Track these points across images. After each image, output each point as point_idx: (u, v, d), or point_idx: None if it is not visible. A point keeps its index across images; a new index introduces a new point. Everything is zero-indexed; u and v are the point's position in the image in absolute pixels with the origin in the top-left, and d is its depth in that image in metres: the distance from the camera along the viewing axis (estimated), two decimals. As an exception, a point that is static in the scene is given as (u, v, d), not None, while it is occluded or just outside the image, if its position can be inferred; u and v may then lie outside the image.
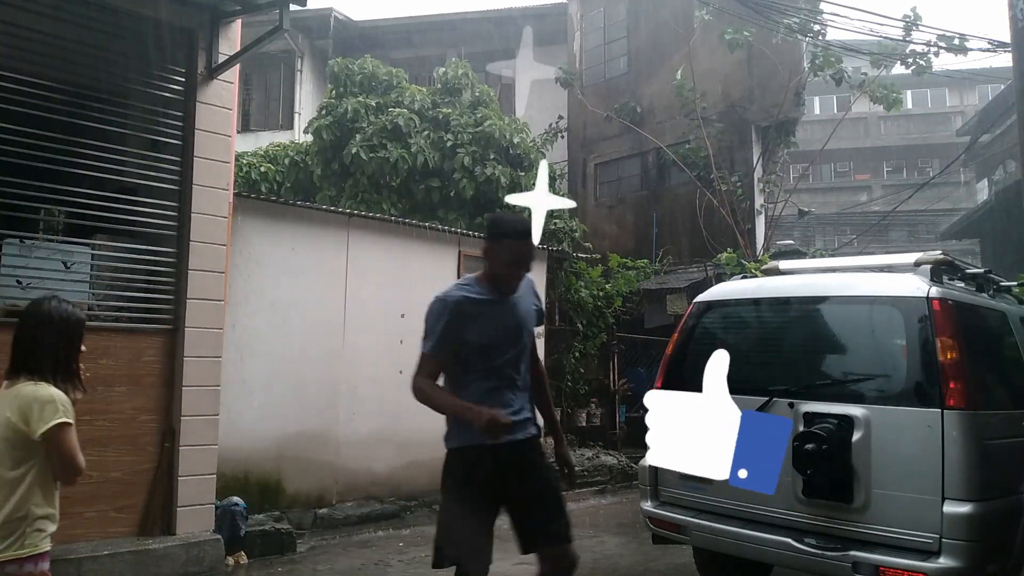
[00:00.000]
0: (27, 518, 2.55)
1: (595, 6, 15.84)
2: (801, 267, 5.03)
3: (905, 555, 3.40)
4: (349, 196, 10.84)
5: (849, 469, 3.57)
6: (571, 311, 10.48)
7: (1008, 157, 17.71)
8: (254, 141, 14.67)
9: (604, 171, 15.63)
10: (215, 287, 5.62)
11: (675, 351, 4.59)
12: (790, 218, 17.79)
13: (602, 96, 15.14)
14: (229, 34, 5.84)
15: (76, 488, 4.93)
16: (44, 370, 2.65)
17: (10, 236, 5.05)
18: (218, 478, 5.67)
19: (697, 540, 4.26)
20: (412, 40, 16.93)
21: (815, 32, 12.04)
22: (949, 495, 3.36)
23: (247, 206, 6.71)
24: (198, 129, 5.62)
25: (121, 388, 5.24)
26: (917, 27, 11.35)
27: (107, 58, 5.45)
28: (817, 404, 3.77)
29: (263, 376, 6.63)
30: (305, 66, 16.38)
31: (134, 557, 4.99)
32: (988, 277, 4.62)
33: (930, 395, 3.51)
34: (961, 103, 30.35)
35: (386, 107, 11.24)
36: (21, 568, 2.54)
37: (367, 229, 7.64)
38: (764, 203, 13.85)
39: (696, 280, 11.14)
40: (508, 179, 10.78)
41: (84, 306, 5.36)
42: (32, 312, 2.72)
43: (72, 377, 2.73)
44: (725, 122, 13.37)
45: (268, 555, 5.91)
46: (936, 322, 3.58)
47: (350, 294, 7.35)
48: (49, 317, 2.69)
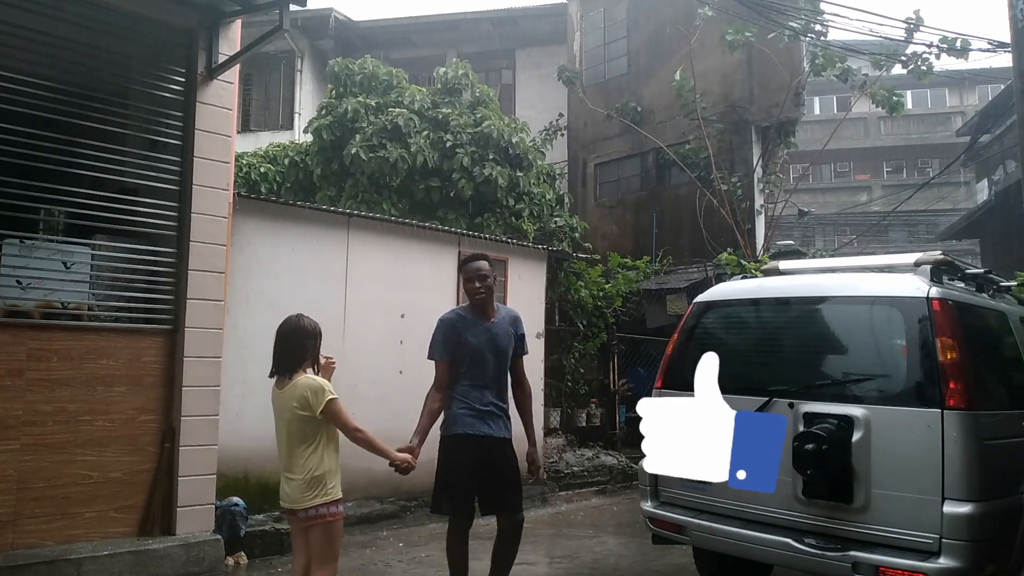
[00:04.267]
0: (324, 475, 3.48)
1: (595, 6, 15.84)
2: (801, 267, 5.03)
3: (905, 555, 3.41)
4: (349, 196, 10.84)
5: (849, 469, 3.57)
6: (571, 311, 10.47)
7: (1008, 157, 17.69)
8: (254, 141, 14.67)
9: (604, 171, 15.63)
10: (215, 287, 5.62)
11: (675, 351, 4.59)
12: (790, 218, 17.80)
13: (602, 96, 15.14)
14: (229, 34, 5.84)
15: (76, 488, 4.97)
16: (304, 366, 3.62)
17: (10, 236, 5.05)
18: (218, 478, 5.67)
19: (697, 540, 4.26)
20: (412, 40, 16.94)
21: (816, 33, 12.03)
22: (949, 495, 3.36)
23: (247, 206, 6.71)
24: (198, 129, 5.62)
25: (121, 388, 5.24)
26: (919, 29, 11.34)
27: (107, 58, 5.45)
28: (817, 404, 3.78)
29: (263, 376, 6.56)
30: (305, 66, 16.38)
31: (134, 557, 4.99)
32: (988, 277, 4.62)
33: (930, 395, 3.51)
34: (961, 103, 30.34)
35: (386, 107, 11.24)
36: (328, 510, 3.48)
37: (367, 229, 7.64)
38: (764, 203, 13.85)
39: (696, 280, 11.14)
40: (507, 179, 10.79)
41: (84, 306, 5.37)
42: (295, 326, 3.71)
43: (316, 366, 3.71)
44: (725, 122, 13.37)
45: (268, 555, 5.92)
46: (936, 322, 3.58)
47: (350, 294, 7.35)
48: (306, 328, 3.71)
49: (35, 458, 4.85)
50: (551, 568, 5.95)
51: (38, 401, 4.90)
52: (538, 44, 16.50)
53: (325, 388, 3.52)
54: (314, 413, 3.47)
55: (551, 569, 5.92)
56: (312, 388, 3.51)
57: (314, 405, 3.48)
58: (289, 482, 3.53)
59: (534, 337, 9.01)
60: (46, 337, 4.99)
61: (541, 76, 16.12)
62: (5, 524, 4.73)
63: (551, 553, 6.46)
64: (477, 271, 4.11)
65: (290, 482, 3.52)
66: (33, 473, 4.84)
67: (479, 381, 4.06)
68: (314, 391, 3.49)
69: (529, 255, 9.21)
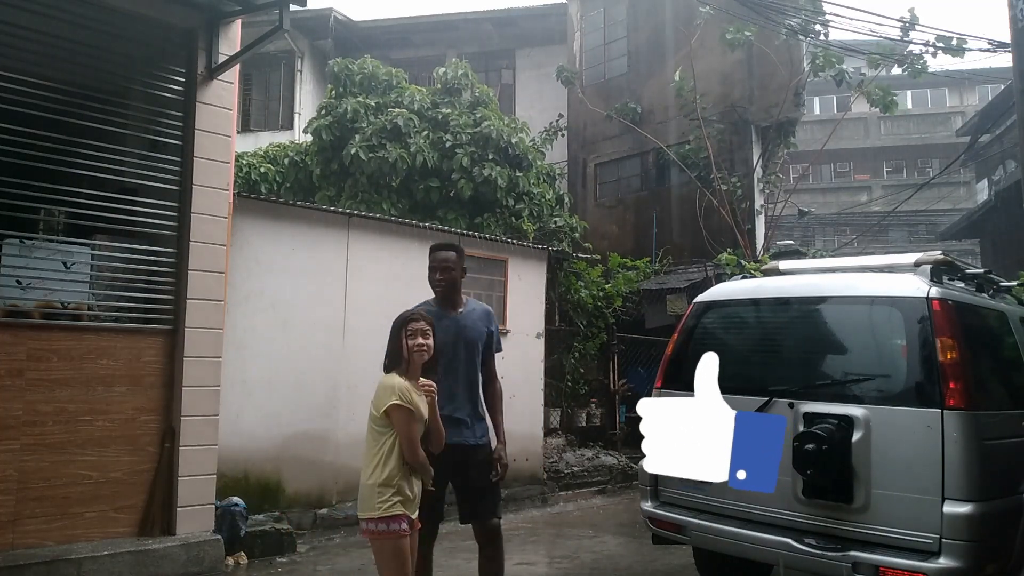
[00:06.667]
0: (382, 486, 3.23)
1: (595, 6, 15.83)
2: (801, 267, 5.03)
3: (905, 555, 3.40)
4: (349, 196, 10.84)
5: (849, 469, 3.57)
6: (571, 311, 10.47)
7: (1008, 157, 17.69)
8: (254, 141, 14.68)
9: (604, 171, 15.62)
10: (215, 287, 5.62)
11: (675, 351, 4.59)
12: (790, 218, 17.80)
13: (602, 96, 15.14)
14: (229, 34, 5.84)
15: (76, 488, 4.97)
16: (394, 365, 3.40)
17: (10, 236, 5.05)
18: (218, 478, 5.67)
19: (697, 540, 4.26)
20: (412, 40, 16.94)
21: (816, 32, 12.03)
22: (949, 495, 3.36)
23: (247, 206, 6.71)
24: (198, 129, 5.62)
25: (121, 388, 5.24)
26: (915, 28, 11.34)
27: (107, 58, 5.45)
28: (817, 404, 3.78)
29: (263, 376, 6.63)
30: (305, 66, 16.39)
31: (134, 557, 4.99)
32: (988, 277, 4.62)
33: (930, 395, 3.51)
34: (961, 103, 30.35)
35: (386, 107, 11.24)
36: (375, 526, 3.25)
37: (367, 229, 7.64)
38: (764, 203, 13.85)
39: (696, 280, 11.13)
40: (506, 179, 10.79)
41: (84, 306, 5.37)
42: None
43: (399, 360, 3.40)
44: (725, 122, 13.37)
45: (268, 555, 5.92)
46: (936, 322, 3.58)
47: (350, 294, 7.35)
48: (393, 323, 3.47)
49: (35, 458, 4.85)
50: (551, 568, 5.95)
51: (38, 401, 4.89)
52: (538, 44, 16.50)
53: (395, 389, 3.27)
54: (377, 412, 3.30)
55: (551, 569, 5.92)
56: (382, 386, 3.33)
57: (376, 404, 3.31)
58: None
59: (534, 337, 9.01)
60: (46, 337, 4.99)
61: (541, 76, 16.11)
62: (5, 524, 4.73)
63: (551, 553, 6.46)
64: (442, 261, 3.92)
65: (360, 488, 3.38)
66: (33, 473, 4.84)
67: (449, 378, 3.80)
68: (383, 389, 3.31)
69: (529, 255, 9.21)
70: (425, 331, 3.42)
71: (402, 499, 3.26)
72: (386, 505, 3.23)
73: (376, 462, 3.28)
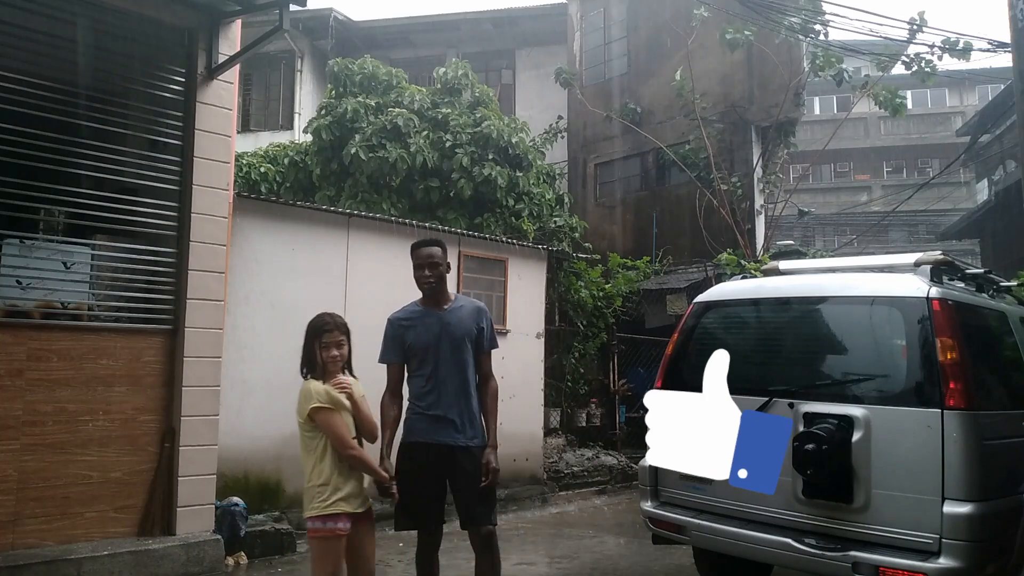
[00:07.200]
0: (322, 487, 3.32)
1: (595, 6, 15.83)
2: (801, 267, 5.03)
3: (905, 555, 3.40)
4: (349, 196, 10.84)
5: (849, 469, 3.57)
6: (571, 311, 10.47)
7: (1008, 157, 17.70)
8: (254, 141, 14.68)
9: (604, 171, 15.62)
10: (215, 287, 5.62)
11: (675, 351, 4.59)
12: (790, 218, 17.81)
13: (602, 96, 15.13)
14: (229, 34, 5.84)
15: (76, 488, 4.97)
16: (307, 370, 3.51)
17: (10, 236, 5.05)
18: (218, 478, 5.67)
19: (697, 540, 4.26)
20: (412, 40, 16.94)
21: (816, 32, 12.03)
22: (949, 495, 3.36)
23: (247, 206, 6.71)
24: (198, 129, 5.62)
25: (121, 388, 5.24)
26: (922, 30, 11.33)
27: (107, 58, 5.45)
28: (817, 404, 3.78)
29: (263, 376, 6.62)
30: (305, 66, 16.38)
31: (134, 557, 4.99)
32: (988, 277, 4.62)
33: (930, 395, 3.51)
34: (961, 103, 30.37)
35: (386, 107, 11.24)
36: (313, 524, 3.35)
37: (367, 229, 7.64)
38: (764, 203, 13.85)
39: (696, 280, 11.14)
40: (506, 179, 10.79)
41: (84, 306, 5.37)
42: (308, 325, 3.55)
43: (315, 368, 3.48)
44: (725, 122, 13.38)
45: (268, 555, 5.92)
46: (936, 322, 3.58)
47: (350, 294, 7.35)
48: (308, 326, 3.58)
49: (35, 458, 4.85)
50: (551, 568, 5.95)
51: (38, 401, 4.89)
52: (538, 44, 16.50)
53: (312, 394, 3.37)
54: (302, 419, 3.40)
55: (551, 569, 5.92)
56: (301, 393, 3.43)
57: (300, 411, 3.41)
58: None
59: (534, 337, 9.01)
60: (46, 337, 4.99)
61: (541, 76, 16.11)
62: (5, 524, 4.73)
63: (551, 553, 6.46)
64: (428, 257, 3.82)
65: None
66: (33, 473, 4.84)
67: (436, 377, 3.74)
68: (302, 396, 3.42)
69: (529, 255, 9.21)
70: (340, 342, 3.52)
71: (343, 496, 3.36)
72: (324, 504, 3.33)
73: (312, 465, 3.40)
